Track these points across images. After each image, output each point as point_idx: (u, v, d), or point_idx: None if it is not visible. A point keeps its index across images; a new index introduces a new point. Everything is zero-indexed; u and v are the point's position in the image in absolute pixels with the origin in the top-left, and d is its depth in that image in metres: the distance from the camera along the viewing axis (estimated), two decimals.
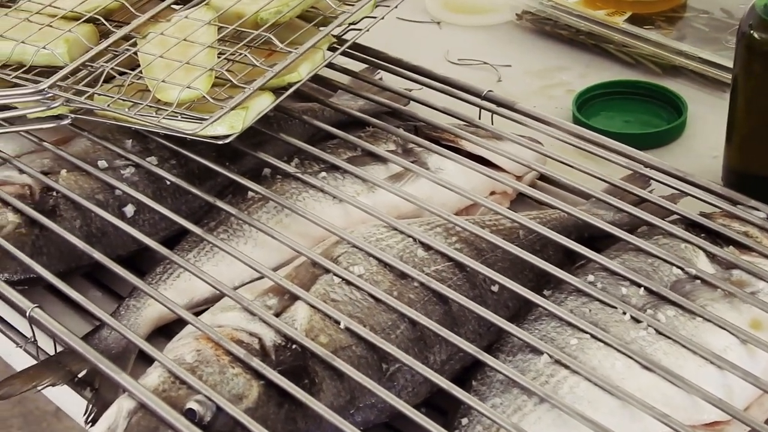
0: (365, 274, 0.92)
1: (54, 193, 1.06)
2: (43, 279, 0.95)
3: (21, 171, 1.09)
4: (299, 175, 1.04)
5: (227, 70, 1.03)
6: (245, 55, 1.05)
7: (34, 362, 0.94)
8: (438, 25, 1.55)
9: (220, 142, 1.00)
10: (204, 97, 0.99)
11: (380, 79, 1.31)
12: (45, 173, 1.08)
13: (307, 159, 1.09)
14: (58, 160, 1.11)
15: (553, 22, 1.47)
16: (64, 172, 1.08)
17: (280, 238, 0.96)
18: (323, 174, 1.06)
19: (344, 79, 1.25)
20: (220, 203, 1.01)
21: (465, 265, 0.93)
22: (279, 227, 1.01)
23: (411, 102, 1.24)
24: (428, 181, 1.05)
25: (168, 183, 1.08)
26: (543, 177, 1.14)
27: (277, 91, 1.06)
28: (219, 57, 1.05)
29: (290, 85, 1.07)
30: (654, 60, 1.38)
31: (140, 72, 1.04)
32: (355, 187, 1.05)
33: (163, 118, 0.99)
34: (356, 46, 1.21)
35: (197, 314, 0.90)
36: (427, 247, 0.95)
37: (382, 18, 1.17)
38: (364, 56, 1.26)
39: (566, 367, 0.82)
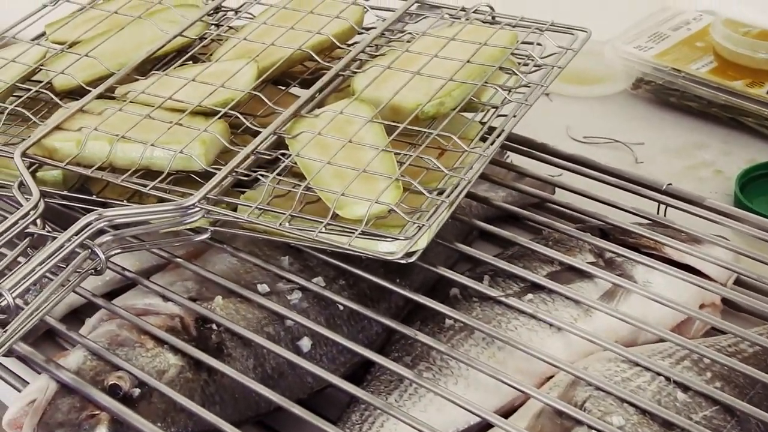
0: (626, 426, 0.79)
1: (214, 326, 0.91)
2: None
3: (165, 297, 0.94)
4: (503, 299, 0.90)
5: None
6: (425, 158, 0.92)
7: None
8: (548, 97, 1.42)
9: (403, 261, 0.87)
10: (392, 210, 0.86)
11: (510, 161, 1.19)
12: (193, 299, 0.94)
13: (499, 275, 0.95)
14: (205, 283, 0.96)
15: (680, 93, 1.35)
16: (219, 298, 0.94)
17: (503, 378, 0.83)
18: (529, 296, 0.93)
19: None
20: (422, 336, 0.87)
21: (734, 408, 0.81)
22: (493, 362, 0.88)
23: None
24: (638, 297, 0.93)
25: (341, 308, 0.94)
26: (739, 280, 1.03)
27: None
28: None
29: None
30: None
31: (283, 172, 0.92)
32: (569, 310, 0.92)
33: (351, 243, 0.85)
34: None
35: None
36: (683, 387, 0.82)
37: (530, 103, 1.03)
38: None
39: None
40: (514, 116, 0.99)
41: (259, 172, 0.93)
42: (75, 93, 1.08)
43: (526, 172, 1.14)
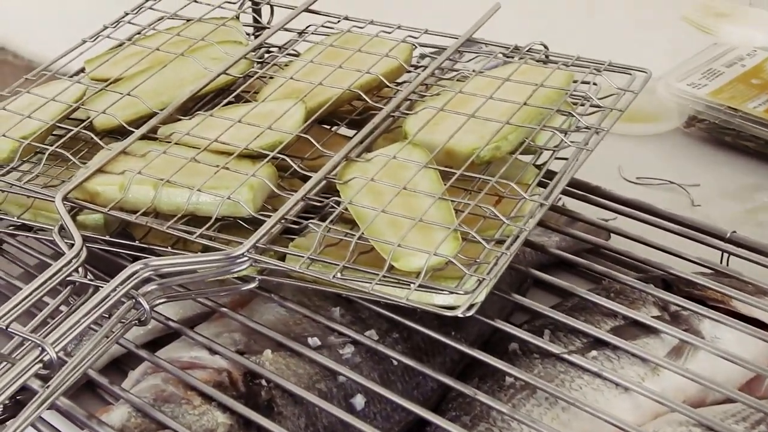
0: None
1: (264, 382, 0.87)
2: None
3: (211, 350, 0.90)
4: (566, 356, 0.86)
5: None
6: (483, 207, 0.88)
7: None
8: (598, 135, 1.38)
9: (461, 315, 0.83)
10: (450, 262, 0.82)
11: (562, 204, 1.15)
12: (241, 352, 0.90)
13: (560, 329, 0.91)
14: (253, 335, 0.92)
15: (735, 132, 1.31)
16: (269, 352, 0.90)
17: None
18: (593, 353, 0.89)
19: None
20: (481, 396, 0.83)
21: None
22: (556, 424, 0.84)
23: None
24: (706, 353, 0.88)
25: (395, 363, 0.90)
26: None
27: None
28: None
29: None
30: None
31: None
32: (635, 369, 0.88)
33: (408, 297, 0.81)
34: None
35: None
36: None
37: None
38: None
39: None
40: (576, 160, 0.95)
41: (310, 221, 0.89)
42: (115, 132, 1.05)
43: (579, 217, 1.10)
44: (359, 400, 0.88)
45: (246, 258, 0.86)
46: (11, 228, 1.06)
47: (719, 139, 1.34)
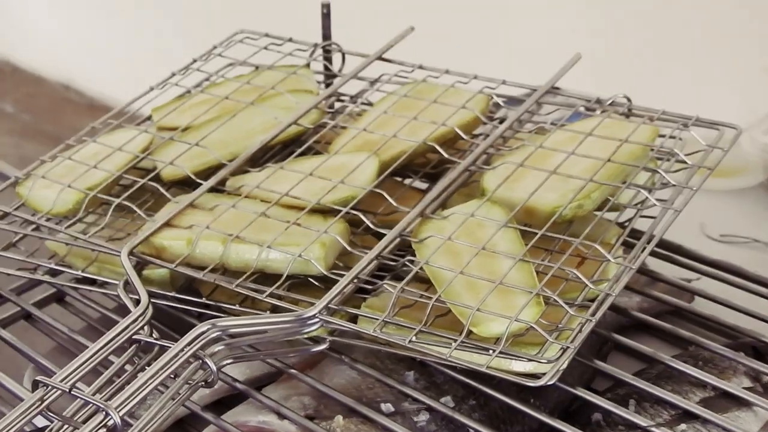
0: None
1: None
2: None
3: (280, 414, 0.87)
4: (654, 429, 0.82)
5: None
6: (565, 269, 0.84)
7: None
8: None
9: (541, 384, 0.78)
10: (532, 328, 0.78)
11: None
12: (311, 417, 0.86)
13: (645, 399, 0.87)
14: (323, 399, 0.88)
15: None
16: (340, 418, 0.86)
17: None
18: (683, 426, 0.84)
19: None
20: None
21: None
22: None
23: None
24: None
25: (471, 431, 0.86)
26: None
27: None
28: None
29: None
30: None
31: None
32: None
33: (488, 365, 0.77)
34: None
35: None
36: None
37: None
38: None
39: None
40: (662, 220, 0.91)
41: (384, 281, 0.86)
42: (183, 183, 1.02)
43: (661, 277, 1.06)
44: None
45: (317, 320, 0.83)
46: (73, 281, 1.04)
47: None
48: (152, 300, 0.87)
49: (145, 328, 0.85)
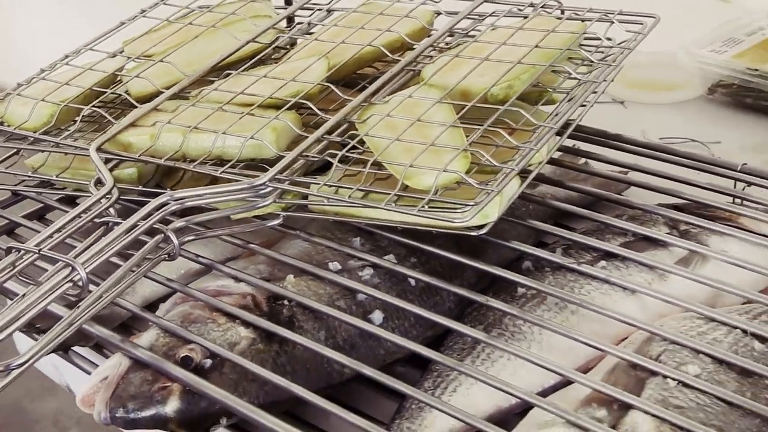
0: (702, 374, 0.77)
1: (286, 302, 0.91)
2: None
3: (237, 279, 0.94)
4: (575, 266, 0.89)
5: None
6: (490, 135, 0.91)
7: None
8: (622, 105, 1.42)
9: (474, 234, 0.86)
10: (463, 179, 0.85)
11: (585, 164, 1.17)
12: (266, 279, 0.94)
13: (572, 248, 0.94)
14: (277, 265, 0.96)
15: (756, 93, 1.33)
16: (291, 277, 0.94)
17: (577, 335, 0.81)
18: (602, 263, 0.91)
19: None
20: (493, 302, 0.86)
21: None
22: (566, 327, 0.86)
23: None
24: (714, 265, 0.91)
25: (413, 284, 0.93)
26: None
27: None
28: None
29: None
30: None
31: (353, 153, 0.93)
32: (643, 275, 0.91)
33: (420, 208, 0.84)
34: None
35: None
36: (762, 339, 0.80)
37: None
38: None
39: None
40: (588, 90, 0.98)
41: (328, 152, 0.93)
42: (151, 100, 1.10)
43: (600, 173, 1.12)
44: (377, 316, 0.91)
45: (268, 188, 0.90)
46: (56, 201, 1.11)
47: (740, 102, 1.36)
48: (122, 197, 0.93)
49: (112, 210, 0.92)
